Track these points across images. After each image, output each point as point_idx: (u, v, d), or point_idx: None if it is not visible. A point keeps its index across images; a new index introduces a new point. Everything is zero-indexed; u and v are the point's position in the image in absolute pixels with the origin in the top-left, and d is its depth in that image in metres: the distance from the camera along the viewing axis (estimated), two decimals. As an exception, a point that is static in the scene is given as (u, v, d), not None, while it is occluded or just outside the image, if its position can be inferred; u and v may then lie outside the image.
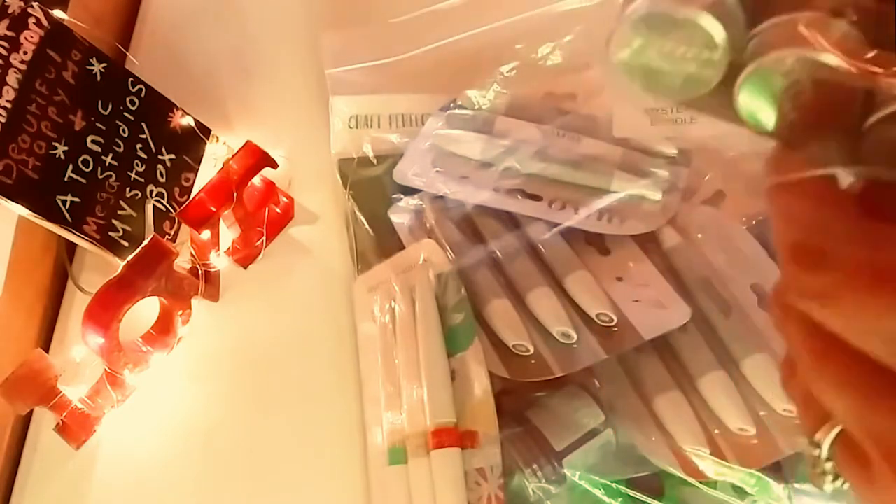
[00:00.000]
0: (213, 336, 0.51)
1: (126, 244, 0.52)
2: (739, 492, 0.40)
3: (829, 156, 0.17)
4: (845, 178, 0.18)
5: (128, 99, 0.54)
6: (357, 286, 0.50)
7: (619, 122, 0.52)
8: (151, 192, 0.54)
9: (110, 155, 0.52)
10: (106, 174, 0.52)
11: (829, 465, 0.21)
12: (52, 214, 0.48)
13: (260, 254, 0.53)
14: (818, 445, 0.21)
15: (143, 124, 0.54)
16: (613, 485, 0.41)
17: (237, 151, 0.50)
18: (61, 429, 0.46)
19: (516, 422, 0.43)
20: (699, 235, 0.49)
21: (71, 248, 0.55)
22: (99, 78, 0.52)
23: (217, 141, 0.57)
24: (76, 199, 0.49)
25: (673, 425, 0.42)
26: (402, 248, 0.50)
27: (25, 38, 0.48)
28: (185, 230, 0.54)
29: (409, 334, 0.45)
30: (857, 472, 0.19)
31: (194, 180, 0.56)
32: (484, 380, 0.43)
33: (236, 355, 0.50)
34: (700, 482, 0.41)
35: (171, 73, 0.60)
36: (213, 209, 0.49)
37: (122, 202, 0.52)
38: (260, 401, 0.49)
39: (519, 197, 0.49)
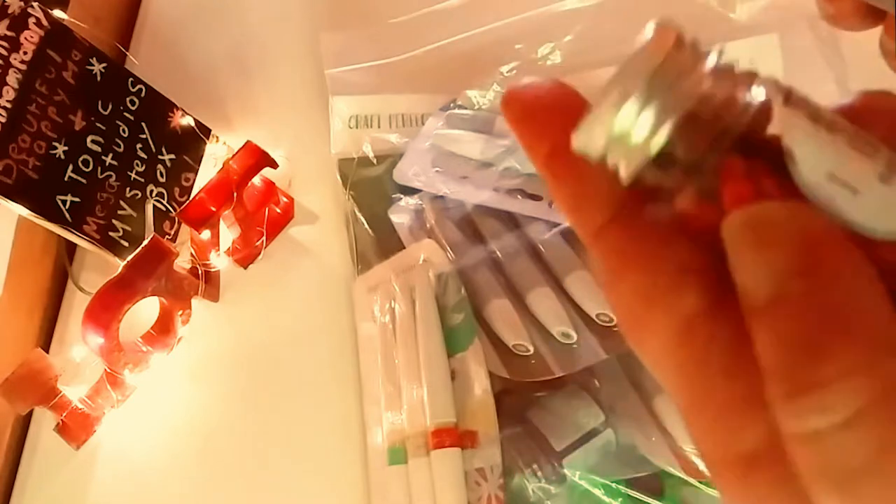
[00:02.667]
0: (213, 336, 0.51)
1: (126, 244, 0.52)
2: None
3: None
4: None
5: (128, 99, 0.54)
6: (357, 286, 0.50)
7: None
8: (151, 192, 0.54)
9: (110, 155, 0.52)
10: (106, 174, 0.52)
11: None
12: (52, 214, 0.48)
13: (260, 254, 0.53)
14: None
15: (143, 124, 0.54)
16: (613, 485, 0.41)
17: (237, 151, 0.50)
18: (61, 429, 0.46)
19: (516, 422, 0.43)
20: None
21: (71, 248, 0.55)
22: (99, 78, 0.52)
23: (217, 141, 0.57)
24: (76, 199, 0.49)
25: (673, 425, 0.42)
26: (402, 248, 0.50)
27: (25, 38, 0.48)
28: (185, 230, 0.54)
29: (409, 334, 0.45)
30: None
31: (194, 180, 0.56)
32: (484, 380, 0.43)
33: (236, 355, 0.50)
34: (700, 482, 0.41)
35: (171, 73, 0.60)
36: (213, 209, 0.49)
37: (122, 202, 0.52)
38: (260, 401, 0.49)
39: (519, 197, 0.49)
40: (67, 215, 0.49)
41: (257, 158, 0.50)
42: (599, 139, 0.15)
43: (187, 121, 0.56)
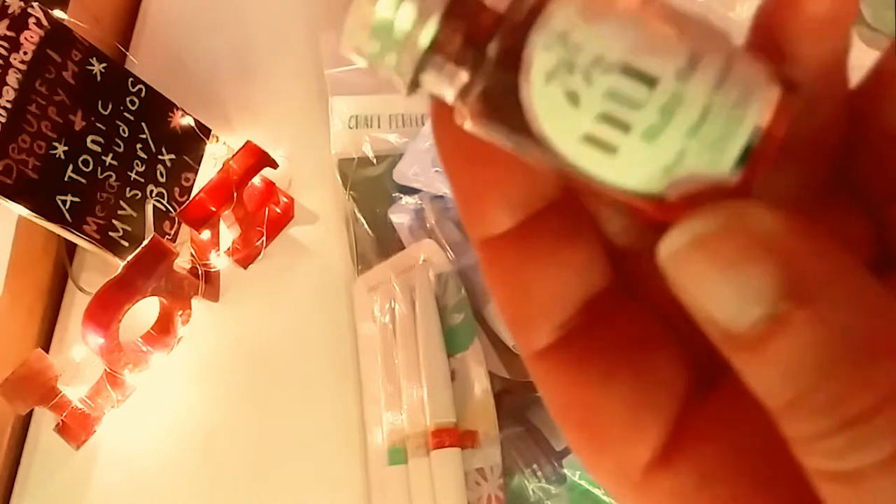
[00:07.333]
0: (213, 336, 0.51)
1: (126, 244, 0.52)
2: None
3: None
4: None
5: (128, 99, 0.54)
6: (357, 286, 0.50)
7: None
8: (151, 192, 0.54)
9: (110, 155, 0.52)
10: (106, 174, 0.52)
11: None
12: (52, 214, 0.48)
13: (260, 254, 0.53)
14: None
15: (143, 124, 0.54)
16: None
17: (237, 151, 0.50)
18: (61, 429, 0.46)
19: (516, 422, 0.43)
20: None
21: (71, 248, 0.55)
22: (99, 78, 0.52)
23: (217, 141, 0.57)
24: (76, 199, 0.49)
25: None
26: (402, 248, 0.50)
27: (25, 38, 0.48)
28: (185, 230, 0.54)
29: (409, 334, 0.45)
30: None
31: (194, 180, 0.56)
32: (484, 380, 0.43)
33: (236, 355, 0.50)
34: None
35: (171, 73, 0.60)
36: (213, 209, 0.49)
37: (122, 202, 0.52)
38: (260, 401, 0.49)
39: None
40: (67, 215, 0.49)
41: (257, 158, 0.50)
42: (364, 37, 0.13)
43: (187, 121, 0.56)
